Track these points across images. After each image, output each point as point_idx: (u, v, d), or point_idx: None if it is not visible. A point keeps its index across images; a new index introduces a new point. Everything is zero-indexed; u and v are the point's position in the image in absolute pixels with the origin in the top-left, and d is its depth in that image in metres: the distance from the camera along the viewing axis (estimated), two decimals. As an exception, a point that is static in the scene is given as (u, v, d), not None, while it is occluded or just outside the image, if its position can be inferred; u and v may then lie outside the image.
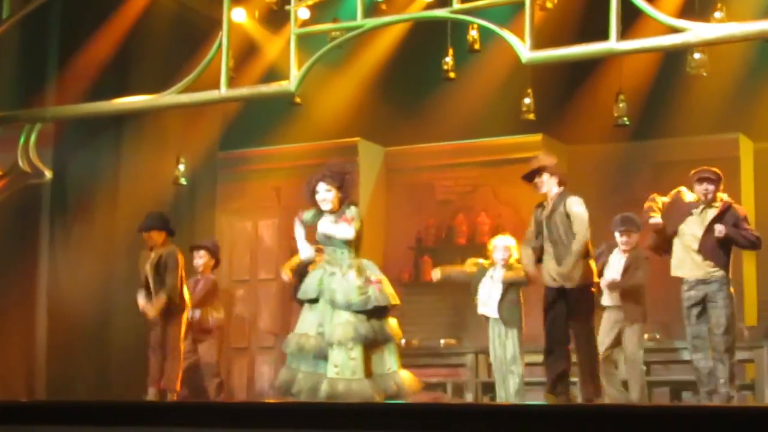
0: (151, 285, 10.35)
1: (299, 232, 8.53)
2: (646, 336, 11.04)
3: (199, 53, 10.71)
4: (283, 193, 14.05)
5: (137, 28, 12.00)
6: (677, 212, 9.34)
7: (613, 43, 8.63)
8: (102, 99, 10.88)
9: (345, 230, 8.19)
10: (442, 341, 12.21)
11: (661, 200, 9.52)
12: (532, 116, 11.15)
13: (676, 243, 9.35)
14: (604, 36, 8.67)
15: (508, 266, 9.72)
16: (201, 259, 11.20)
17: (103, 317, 12.09)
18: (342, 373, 8.00)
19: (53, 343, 11.67)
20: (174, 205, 12.91)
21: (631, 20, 9.16)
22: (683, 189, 9.46)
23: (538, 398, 9.97)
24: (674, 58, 10.73)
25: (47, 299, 11.78)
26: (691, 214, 9.29)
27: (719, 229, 9.08)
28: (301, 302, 8.46)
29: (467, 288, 11.42)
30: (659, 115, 12.36)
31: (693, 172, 9.39)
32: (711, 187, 9.22)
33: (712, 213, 9.22)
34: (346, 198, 8.35)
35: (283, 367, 8.35)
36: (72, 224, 12.07)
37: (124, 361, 11.91)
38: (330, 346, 8.05)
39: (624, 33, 8.72)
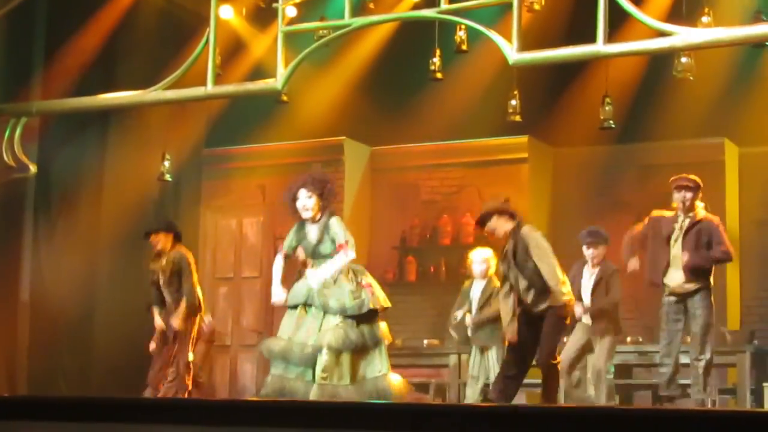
0: (167, 295, 10.26)
1: (277, 267, 8.41)
2: (628, 339, 11.09)
3: (185, 50, 10.71)
4: (268, 190, 14.03)
5: (124, 23, 11.97)
6: (659, 235, 9.46)
7: (600, 46, 8.64)
8: (88, 94, 10.87)
9: (343, 258, 8.15)
10: (425, 341, 12.22)
11: (634, 233, 9.66)
12: (518, 118, 11.16)
13: None
14: (591, 38, 8.68)
15: (487, 277, 9.84)
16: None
17: (86, 313, 12.06)
18: (329, 379, 7.99)
19: (35, 338, 11.65)
20: (159, 202, 12.90)
21: (619, 23, 9.18)
22: (655, 212, 9.60)
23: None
24: (661, 62, 10.75)
25: (30, 294, 11.76)
26: (673, 229, 9.41)
27: (685, 260, 9.22)
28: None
29: (451, 289, 11.47)
30: (645, 119, 12.38)
31: (671, 180, 9.48)
32: (689, 195, 9.34)
33: (687, 223, 9.35)
34: (326, 207, 8.30)
35: (269, 375, 8.31)
36: (56, 219, 12.05)
37: (106, 357, 11.89)
38: (319, 350, 8.03)
39: (611, 36, 8.73)
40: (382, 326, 8.30)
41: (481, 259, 10.00)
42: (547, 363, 8.55)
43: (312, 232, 8.25)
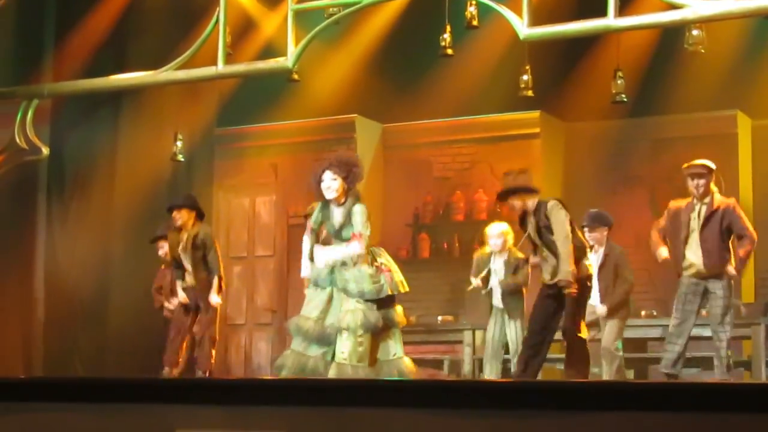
0: (189, 267, 10.31)
1: (306, 242, 8.52)
2: (643, 313, 11.08)
3: (196, 29, 10.70)
4: (280, 169, 14.04)
5: (134, 3, 11.97)
6: (677, 224, 9.44)
7: (611, 20, 8.63)
8: (99, 75, 10.88)
9: (354, 249, 8.17)
10: (439, 318, 12.23)
11: (660, 226, 9.64)
12: (530, 93, 11.13)
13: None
14: (602, 12, 8.66)
15: (506, 251, 9.84)
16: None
17: (101, 293, 12.10)
18: (350, 360, 8.02)
19: (51, 319, 11.69)
20: (171, 182, 12.91)
21: (629, -4, 9.16)
22: (672, 203, 9.57)
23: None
24: (672, 35, 10.70)
25: (45, 276, 11.80)
26: (690, 218, 9.40)
27: (706, 247, 9.20)
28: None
29: (464, 265, 11.42)
30: (657, 92, 12.34)
31: (684, 167, 9.45)
32: (702, 181, 9.30)
33: (704, 210, 9.33)
34: (350, 189, 8.30)
35: (288, 350, 8.36)
36: (69, 201, 12.08)
37: (121, 337, 11.92)
38: (339, 332, 8.06)
39: (622, 9, 8.71)
40: (398, 310, 8.33)
41: (498, 233, 9.99)
42: (571, 334, 8.69)
43: (337, 214, 8.25)
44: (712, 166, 9.36)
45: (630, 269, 10.33)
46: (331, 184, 8.21)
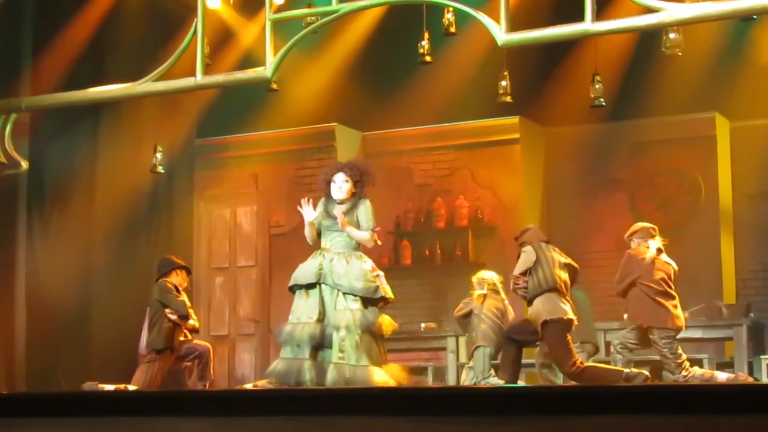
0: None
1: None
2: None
3: (174, 41, 10.69)
4: (261, 179, 14.03)
5: (111, 15, 11.94)
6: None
7: (588, 24, 8.63)
8: (78, 88, 10.84)
9: (366, 235, 8.37)
10: (422, 325, 12.23)
11: None
12: (509, 98, 11.15)
13: None
14: (579, 17, 8.68)
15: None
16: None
17: (83, 307, 12.05)
18: (348, 359, 8.01)
19: (33, 334, 11.63)
20: (152, 194, 12.89)
21: (606, 1, 9.17)
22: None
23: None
24: (650, 38, 10.74)
25: (26, 290, 11.73)
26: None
27: None
28: (294, 290, 8.47)
29: (447, 272, 11.44)
30: (636, 96, 12.38)
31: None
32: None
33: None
34: (358, 194, 8.50)
35: (278, 358, 8.36)
36: (50, 215, 12.03)
37: (104, 351, 11.88)
38: (336, 330, 8.07)
39: (599, 14, 8.72)
40: (386, 319, 8.38)
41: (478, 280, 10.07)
42: (568, 373, 8.77)
43: (338, 209, 8.44)
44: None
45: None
46: (342, 185, 8.45)
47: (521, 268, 9.13)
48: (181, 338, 10.72)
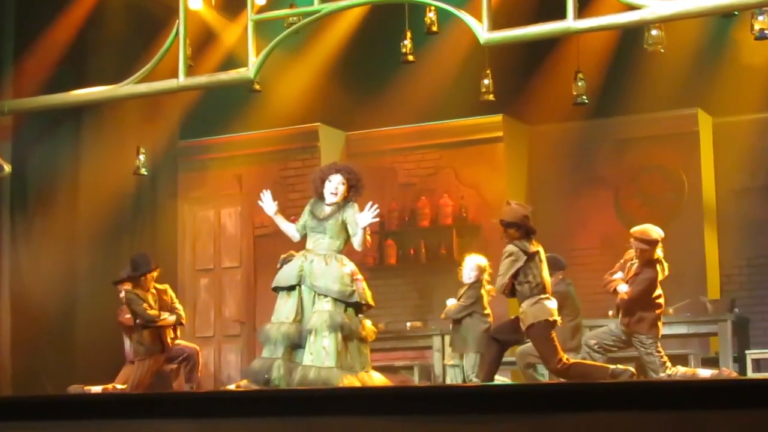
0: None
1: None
2: (610, 313, 11.10)
3: (156, 42, 10.67)
4: (245, 180, 14.01)
5: (93, 18, 11.92)
6: None
7: (570, 22, 8.65)
8: (60, 91, 10.82)
9: (360, 241, 8.33)
10: (408, 324, 12.23)
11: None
12: (491, 97, 11.16)
13: None
14: (561, 15, 8.69)
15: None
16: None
17: (67, 310, 12.04)
18: (316, 361, 8.03)
19: (17, 338, 11.60)
20: (136, 196, 12.88)
21: (588, -2, 9.20)
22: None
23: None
24: (631, 35, 10.76)
25: (10, 294, 11.70)
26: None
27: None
28: (277, 291, 8.49)
29: (431, 270, 11.42)
30: (618, 93, 12.40)
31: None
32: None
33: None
34: (349, 199, 8.44)
35: (258, 357, 8.41)
36: (33, 218, 12.00)
37: (89, 354, 11.86)
38: (308, 333, 8.10)
39: (581, 11, 8.74)
40: (368, 324, 8.37)
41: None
42: (555, 371, 8.73)
43: (326, 209, 8.41)
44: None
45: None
46: (339, 187, 8.41)
47: (510, 271, 8.92)
48: (171, 336, 10.70)
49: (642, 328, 9.26)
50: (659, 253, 9.34)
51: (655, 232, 9.33)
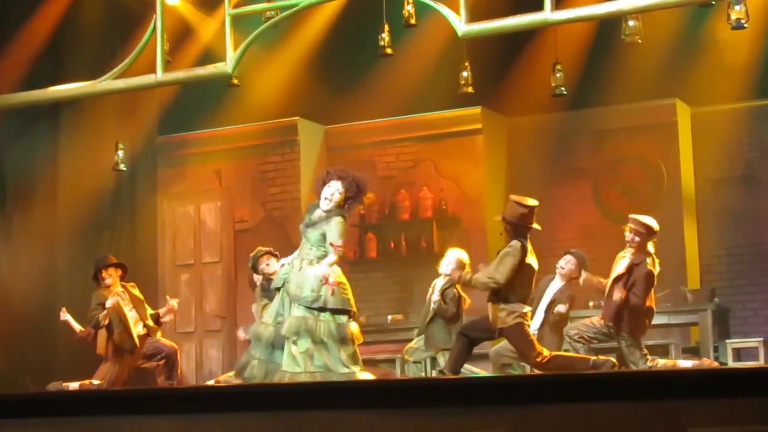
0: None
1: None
2: (591, 304, 11.14)
3: (133, 38, 10.64)
4: (224, 175, 14.00)
5: (70, 14, 11.88)
6: None
7: (547, 14, 8.66)
8: (37, 87, 10.78)
9: (330, 258, 8.30)
10: (389, 317, 12.24)
11: None
12: (470, 89, 11.14)
13: None
14: (538, 7, 8.70)
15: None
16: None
17: (47, 307, 11.98)
18: (289, 366, 8.10)
19: (-2, 336, 11.58)
20: (115, 192, 12.84)
21: (565, -10, 9.20)
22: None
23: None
24: (609, 26, 10.77)
25: (-10, 293, 11.68)
26: None
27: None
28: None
29: (412, 263, 11.37)
30: (596, 84, 12.42)
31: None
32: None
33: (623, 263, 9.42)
34: (345, 207, 8.38)
35: (245, 353, 8.57)
36: (12, 215, 11.96)
37: (69, 351, 11.82)
38: (286, 337, 8.19)
39: (558, 3, 8.75)
40: (353, 326, 8.35)
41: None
42: (535, 365, 8.74)
43: (318, 212, 8.41)
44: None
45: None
46: (334, 194, 8.37)
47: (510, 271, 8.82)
48: (143, 333, 10.61)
49: (632, 328, 9.29)
50: (650, 249, 9.35)
51: (655, 224, 9.37)
